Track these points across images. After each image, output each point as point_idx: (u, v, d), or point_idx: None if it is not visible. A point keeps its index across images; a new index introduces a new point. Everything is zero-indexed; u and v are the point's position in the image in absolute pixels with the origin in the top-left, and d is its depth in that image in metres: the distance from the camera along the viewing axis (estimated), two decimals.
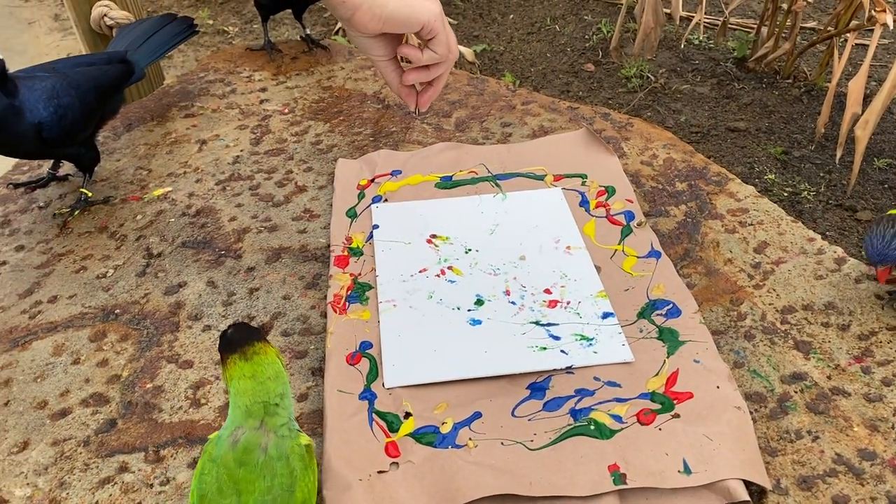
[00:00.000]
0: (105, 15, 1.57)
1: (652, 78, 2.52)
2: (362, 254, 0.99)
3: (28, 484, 0.76)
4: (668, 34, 2.73)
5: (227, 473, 0.60)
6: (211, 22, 3.25)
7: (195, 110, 1.35)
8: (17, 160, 1.23)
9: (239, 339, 0.66)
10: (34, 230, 1.09)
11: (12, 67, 1.05)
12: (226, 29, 3.19)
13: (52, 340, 0.92)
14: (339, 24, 3.04)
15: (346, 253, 0.99)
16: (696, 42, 2.69)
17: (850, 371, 0.81)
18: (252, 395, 0.64)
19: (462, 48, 2.63)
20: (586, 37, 2.84)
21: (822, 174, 2.06)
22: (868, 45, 1.86)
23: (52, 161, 1.19)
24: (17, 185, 1.18)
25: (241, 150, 1.23)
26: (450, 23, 3.03)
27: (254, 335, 0.67)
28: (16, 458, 0.79)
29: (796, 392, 0.80)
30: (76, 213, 1.11)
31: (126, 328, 0.93)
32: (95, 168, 1.16)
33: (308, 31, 1.53)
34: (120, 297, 0.97)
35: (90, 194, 1.13)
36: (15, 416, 0.83)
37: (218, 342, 0.69)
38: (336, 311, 0.90)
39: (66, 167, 1.20)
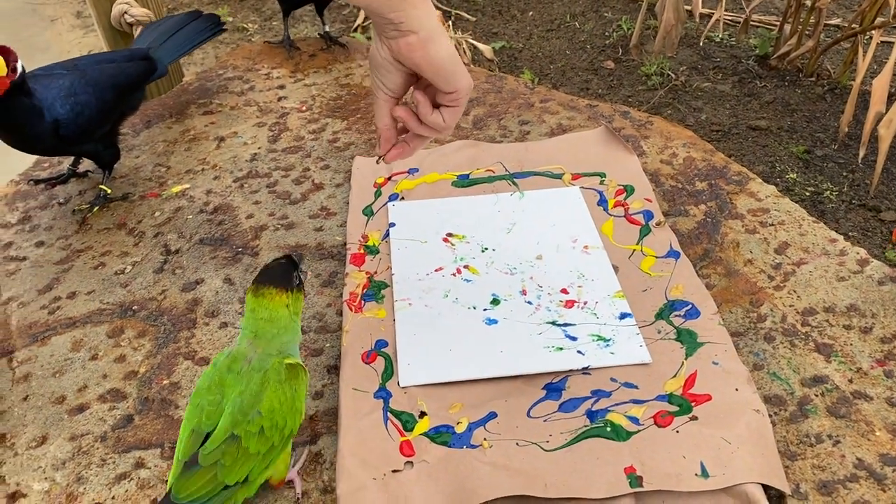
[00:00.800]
0: (125, 12, 1.58)
1: (672, 75, 2.50)
2: (378, 252, 0.99)
3: (46, 478, 0.77)
4: (689, 31, 2.70)
5: (218, 375, 0.70)
6: (230, 19, 3.26)
7: (214, 107, 1.35)
8: (37, 157, 1.24)
9: (263, 275, 0.74)
10: (54, 226, 1.10)
11: (34, 64, 1.06)
12: (245, 26, 3.21)
13: (71, 336, 0.92)
14: (357, 21, 3.04)
15: (362, 251, 0.99)
16: (718, 39, 2.67)
17: (872, 374, 0.80)
18: (249, 322, 0.72)
19: (481, 45, 2.63)
20: (606, 34, 2.82)
21: (845, 174, 2.03)
22: (894, 43, 1.83)
23: (72, 158, 1.20)
24: (37, 182, 1.19)
25: (259, 148, 1.23)
26: (468, 19, 3.02)
27: (277, 278, 0.73)
28: (34, 453, 0.79)
29: (817, 395, 0.79)
30: (95, 209, 1.12)
31: (143, 324, 0.93)
32: (115, 165, 1.16)
33: (328, 28, 1.53)
34: (138, 293, 0.97)
35: (109, 191, 1.14)
36: (34, 411, 0.84)
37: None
38: (352, 310, 0.90)
39: (86, 164, 1.21)
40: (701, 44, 2.62)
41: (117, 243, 1.06)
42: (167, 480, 0.75)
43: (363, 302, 0.91)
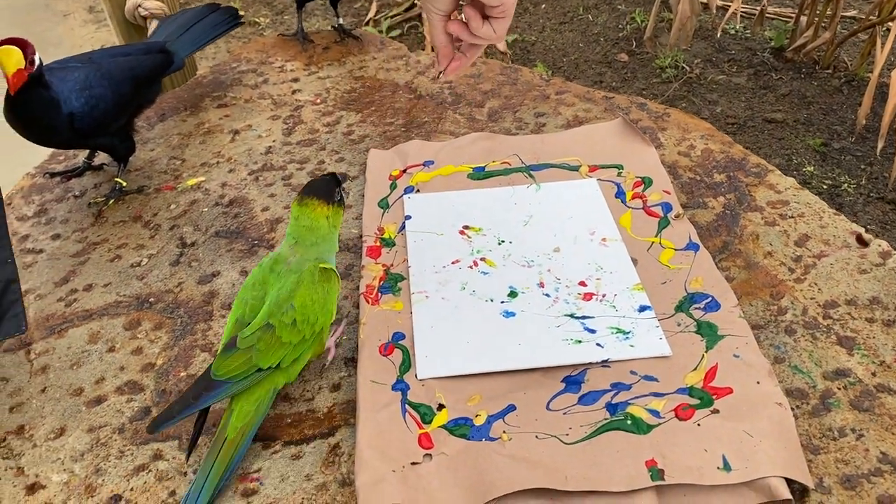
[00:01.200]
0: (139, 5, 1.58)
1: (687, 68, 2.48)
2: (394, 244, 0.98)
3: (65, 470, 0.77)
4: (704, 23, 2.68)
5: (262, 274, 0.79)
6: (242, 13, 3.26)
7: (228, 100, 1.35)
8: (52, 150, 1.25)
9: (308, 188, 0.83)
10: (70, 219, 1.11)
11: (48, 59, 1.06)
12: (257, 20, 3.21)
13: (88, 328, 0.92)
14: (370, 14, 3.04)
15: (378, 244, 0.98)
16: (733, 31, 2.65)
17: (895, 368, 0.79)
18: (292, 229, 0.81)
19: None
20: (620, 26, 2.80)
21: (862, 166, 2.01)
22: None
23: (87, 151, 1.20)
24: (53, 175, 1.19)
25: (274, 141, 1.23)
26: None
27: (320, 191, 0.82)
28: (53, 445, 0.79)
29: (839, 389, 0.78)
30: (111, 202, 1.12)
31: (160, 317, 0.93)
32: (130, 158, 1.17)
33: (341, 21, 1.52)
34: (154, 285, 0.97)
35: (125, 184, 1.14)
36: (52, 403, 0.84)
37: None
38: (368, 302, 0.90)
39: (101, 157, 1.21)
40: (718, 35, 2.60)
41: (133, 236, 1.06)
42: (185, 472, 0.75)
43: (380, 294, 0.91)
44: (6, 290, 0.79)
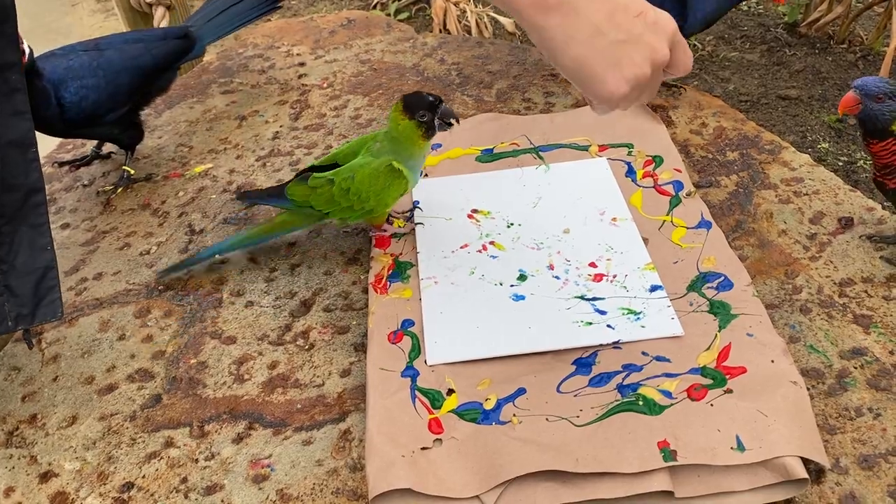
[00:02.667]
0: None
1: (699, 45, 2.44)
2: (404, 234, 0.97)
3: (77, 458, 0.77)
4: None
5: (358, 144, 0.93)
6: None
7: (234, 86, 1.34)
8: (60, 139, 1.25)
9: (410, 95, 0.89)
10: (79, 208, 1.11)
11: None
12: None
13: (98, 316, 0.92)
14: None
15: (387, 234, 0.98)
16: (745, 7, 2.61)
17: None
18: (387, 126, 0.90)
19: (502, 18, 2.59)
20: None
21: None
22: None
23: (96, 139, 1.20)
24: (61, 164, 1.19)
25: (281, 126, 1.22)
26: None
27: (410, 103, 0.88)
28: (65, 433, 0.80)
29: (856, 368, 0.76)
30: (119, 190, 1.12)
31: (170, 304, 0.93)
32: (137, 146, 1.16)
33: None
34: None
35: (133, 172, 1.14)
36: (63, 391, 0.84)
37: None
38: (377, 292, 0.89)
39: (110, 145, 1.21)
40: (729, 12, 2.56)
41: (142, 224, 1.06)
42: (196, 459, 0.75)
43: (388, 283, 0.90)
44: (44, 277, 0.79)
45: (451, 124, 0.89)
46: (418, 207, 1.00)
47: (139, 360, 0.86)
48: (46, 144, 1.24)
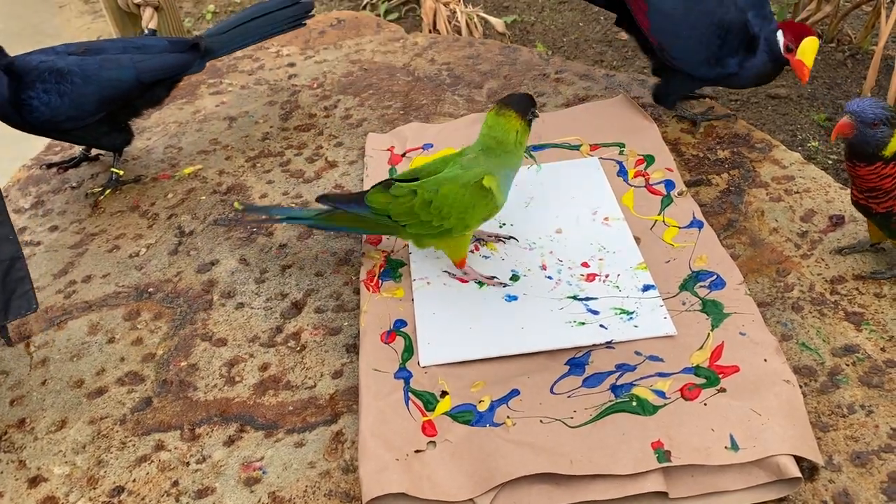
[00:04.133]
0: None
1: None
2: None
3: (66, 462, 0.76)
4: None
5: (450, 155, 0.88)
6: (238, 0, 3.24)
7: (224, 87, 1.34)
8: (49, 141, 1.24)
9: (507, 99, 0.85)
10: (67, 210, 1.10)
11: None
12: None
13: (88, 319, 0.92)
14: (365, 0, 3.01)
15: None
16: None
17: None
18: (482, 137, 0.85)
19: (492, 19, 2.59)
20: None
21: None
22: None
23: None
24: (49, 166, 1.18)
25: (271, 127, 1.22)
26: None
27: (519, 105, 0.84)
28: (54, 437, 0.79)
29: (848, 365, 0.76)
30: (108, 192, 1.11)
31: (159, 306, 0.92)
32: (126, 147, 1.15)
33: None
34: (153, 275, 0.96)
35: (121, 173, 1.12)
36: (52, 395, 0.83)
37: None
38: (369, 290, 0.89)
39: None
40: None
41: (131, 226, 1.05)
42: (188, 462, 0.74)
43: (381, 282, 0.90)
44: (11, 268, 0.76)
45: (536, 115, 0.87)
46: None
47: (129, 363, 0.86)
48: (34, 146, 1.23)
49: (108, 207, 1.09)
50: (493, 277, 0.88)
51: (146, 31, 1.45)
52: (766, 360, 0.75)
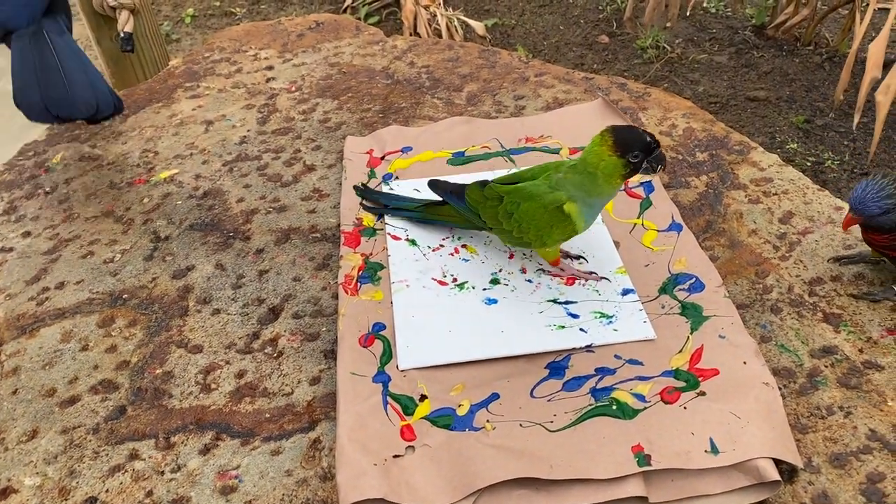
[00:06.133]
0: None
1: (668, 48, 2.46)
2: (374, 233, 0.96)
3: (37, 473, 0.74)
4: (684, 2, 2.66)
5: (541, 169, 0.85)
6: (218, 3, 3.21)
7: (201, 91, 1.32)
8: (21, 147, 1.22)
9: (622, 129, 0.78)
10: (40, 216, 1.08)
11: None
12: (233, 10, 3.16)
13: (60, 327, 0.90)
14: (347, 2, 3.00)
15: (357, 232, 0.96)
16: (714, 10, 2.63)
17: (882, 343, 0.78)
18: (583, 155, 0.80)
19: (472, 22, 2.59)
20: (600, 8, 2.78)
21: (846, 143, 2.00)
22: (890, 9, 1.79)
23: None
24: None
25: (248, 130, 1.20)
26: None
27: (622, 139, 0.76)
28: (25, 447, 0.77)
29: (827, 366, 0.77)
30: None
31: (134, 313, 0.91)
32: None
33: None
34: (127, 281, 0.95)
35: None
36: (23, 405, 0.81)
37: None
38: (347, 293, 0.88)
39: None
40: (688, 13, 2.58)
41: (105, 231, 1.03)
42: (162, 472, 0.73)
43: (359, 284, 0.89)
44: None
45: (656, 170, 0.79)
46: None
47: (103, 370, 0.84)
48: (7, 150, 1.21)
49: (82, 213, 1.07)
50: (592, 273, 0.87)
51: (122, 35, 1.43)
52: (745, 363, 0.75)
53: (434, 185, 0.95)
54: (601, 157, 0.77)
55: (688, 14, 2.59)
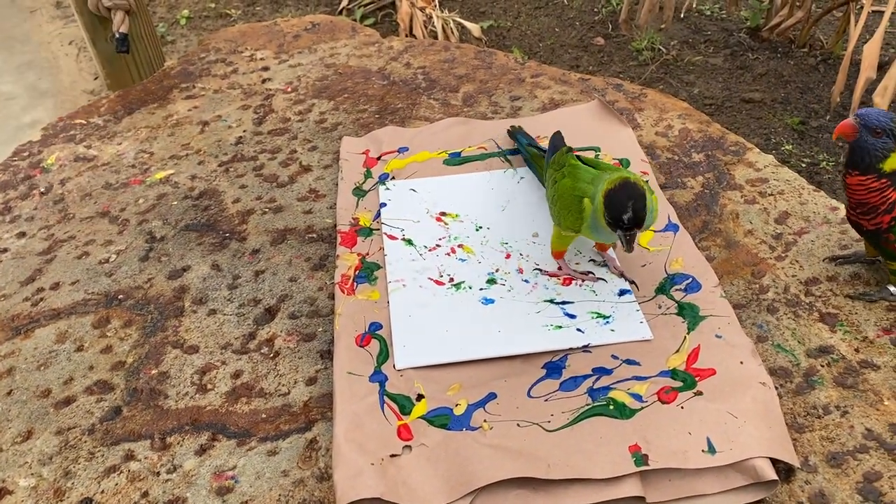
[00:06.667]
0: None
1: (663, 50, 2.47)
2: (371, 233, 0.96)
3: (32, 474, 0.74)
4: (679, 4, 2.67)
5: (608, 164, 0.87)
6: (213, 5, 3.21)
7: (196, 92, 1.32)
8: (15, 148, 1.21)
9: (624, 181, 0.77)
10: (35, 216, 1.07)
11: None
12: (228, 12, 3.15)
13: (55, 328, 0.90)
14: (342, 4, 3.00)
15: (353, 232, 0.96)
16: (709, 12, 2.64)
17: (878, 343, 0.78)
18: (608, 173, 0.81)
19: (468, 24, 2.59)
20: (595, 10, 2.78)
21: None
22: (885, 11, 1.80)
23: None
24: None
25: (244, 131, 1.20)
26: None
27: (613, 201, 0.76)
28: (19, 448, 0.77)
29: (823, 366, 0.77)
30: None
31: (130, 314, 0.90)
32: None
33: None
34: (123, 282, 0.95)
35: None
36: (18, 406, 0.81)
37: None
38: (344, 292, 0.88)
39: None
40: (682, 15, 2.59)
41: (101, 232, 1.03)
42: (158, 472, 0.73)
43: (355, 284, 0.89)
44: None
45: (622, 245, 0.78)
46: (384, 209, 0.98)
47: (98, 371, 0.84)
48: (2, 151, 1.20)
49: (77, 213, 1.07)
50: (589, 273, 0.87)
51: (117, 35, 1.43)
52: (742, 363, 0.75)
53: (511, 131, 1.07)
54: (583, 211, 0.80)
55: (682, 16, 2.60)
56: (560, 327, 0.82)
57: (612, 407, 0.73)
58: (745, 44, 2.45)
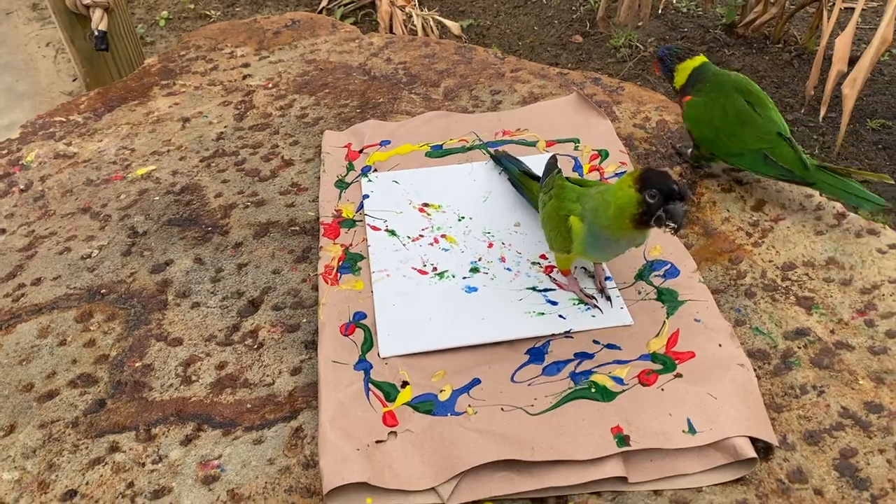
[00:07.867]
0: None
1: (641, 47, 2.49)
2: (354, 224, 0.97)
3: (16, 467, 0.74)
4: (655, 2, 2.69)
5: (595, 182, 0.84)
6: (192, 6, 3.20)
7: (177, 88, 1.32)
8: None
9: (649, 172, 0.73)
10: (15, 213, 1.07)
11: None
12: (207, 13, 3.14)
13: (38, 322, 0.89)
14: (322, 3, 3.00)
15: (336, 224, 0.97)
16: (685, 10, 2.67)
17: (853, 325, 0.80)
18: (615, 185, 0.76)
19: (448, 22, 2.60)
20: (573, 8, 2.80)
21: (815, 136, 2.04)
22: (855, 7, 1.83)
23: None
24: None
25: (225, 127, 1.20)
26: None
27: (650, 180, 0.72)
28: (2, 442, 0.76)
29: (800, 348, 0.78)
30: None
31: (113, 308, 0.90)
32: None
33: None
34: (105, 276, 0.94)
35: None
36: (0, 400, 0.81)
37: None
38: (328, 283, 0.88)
39: None
40: (660, 12, 2.61)
41: (82, 228, 1.03)
42: (143, 463, 0.73)
43: (339, 274, 0.89)
44: None
45: (668, 224, 0.73)
46: (367, 200, 0.99)
47: (81, 365, 0.84)
48: None
49: (58, 209, 1.06)
50: (591, 297, 0.84)
51: (96, 33, 1.42)
52: (720, 346, 0.77)
53: (496, 156, 1.04)
54: (622, 187, 0.74)
55: (660, 13, 2.63)
56: (542, 314, 0.82)
57: (593, 390, 0.74)
58: (721, 40, 2.48)
